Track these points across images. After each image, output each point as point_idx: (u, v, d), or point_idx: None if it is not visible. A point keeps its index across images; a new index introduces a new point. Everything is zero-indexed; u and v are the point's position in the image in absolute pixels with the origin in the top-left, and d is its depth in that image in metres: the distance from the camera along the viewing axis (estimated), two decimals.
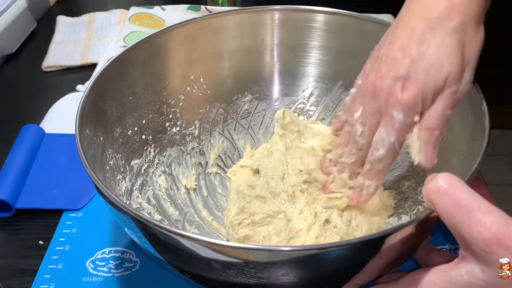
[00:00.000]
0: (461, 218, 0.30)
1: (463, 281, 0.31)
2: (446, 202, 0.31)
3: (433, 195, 0.31)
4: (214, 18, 0.54)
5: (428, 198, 0.32)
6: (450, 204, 0.30)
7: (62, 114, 0.68)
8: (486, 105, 0.40)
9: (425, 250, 0.40)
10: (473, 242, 0.29)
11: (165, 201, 0.50)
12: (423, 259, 0.40)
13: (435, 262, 0.38)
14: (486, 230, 0.29)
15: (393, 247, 0.32)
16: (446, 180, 0.31)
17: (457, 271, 0.31)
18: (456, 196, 0.30)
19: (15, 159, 0.58)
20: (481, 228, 0.29)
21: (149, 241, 0.36)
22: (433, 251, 0.40)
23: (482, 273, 0.30)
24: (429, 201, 0.32)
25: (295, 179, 0.47)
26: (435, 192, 0.31)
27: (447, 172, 0.32)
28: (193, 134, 0.56)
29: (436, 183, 0.31)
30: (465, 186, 0.31)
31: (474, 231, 0.29)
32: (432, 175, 0.32)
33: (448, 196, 0.30)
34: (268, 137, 0.58)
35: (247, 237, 0.46)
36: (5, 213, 0.54)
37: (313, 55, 0.57)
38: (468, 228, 0.29)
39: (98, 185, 0.35)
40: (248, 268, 0.32)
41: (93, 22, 0.91)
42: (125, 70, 0.49)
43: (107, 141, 0.46)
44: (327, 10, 0.54)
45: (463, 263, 0.31)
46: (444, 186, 0.31)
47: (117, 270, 0.48)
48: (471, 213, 0.29)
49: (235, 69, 0.57)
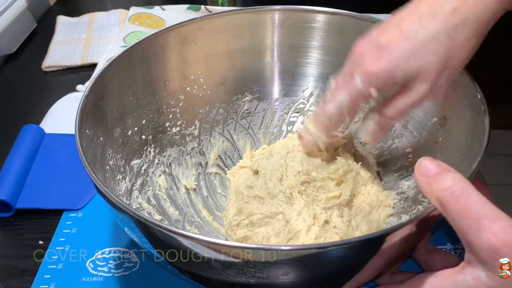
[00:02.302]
0: (469, 224, 0.30)
1: (469, 286, 0.31)
2: (456, 207, 0.30)
3: (445, 198, 0.31)
4: (214, 18, 0.54)
5: (437, 197, 0.31)
6: (461, 209, 0.30)
7: (62, 114, 0.68)
8: (486, 105, 0.40)
9: (426, 251, 0.40)
10: (481, 248, 0.29)
11: (165, 201, 0.50)
12: (424, 260, 0.40)
13: (438, 264, 0.38)
14: (494, 236, 0.29)
15: (393, 246, 0.32)
16: (458, 184, 0.31)
17: (463, 276, 0.31)
18: (468, 202, 0.30)
19: (15, 159, 0.58)
20: (489, 235, 0.29)
21: (149, 241, 0.36)
22: (434, 252, 0.40)
23: (488, 279, 0.30)
24: (438, 200, 0.31)
25: (293, 180, 0.47)
26: (447, 195, 0.31)
27: (456, 172, 0.31)
28: (193, 134, 0.56)
29: (446, 184, 0.31)
30: (476, 192, 0.30)
31: (482, 237, 0.29)
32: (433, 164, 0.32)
33: (459, 202, 0.30)
34: (268, 137, 0.58)
35: (245, 238, 0.46)
36: (5, 213, 0.54)
37: (313, 55, 0.57)
38: (477, 233, 0.29)
39: (98, 185, 0.35)
40: (248, 268, 0.32)
41: (93, 22, 0.92)
42: (125, 70, 0.49)
43: (107, 141, 0.46)
44: (327, 10, 0.54)
45: (469, 268, 0.31)
46: (457, 192, 0.30)
47: (117, 270, 0.48)
48: (480, 219, 0.29)
49: (235, 69, 0.57)
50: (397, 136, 0.52)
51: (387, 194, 0.49)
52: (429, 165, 0.32)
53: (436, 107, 0.48)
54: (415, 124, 0.51)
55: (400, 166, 0.51)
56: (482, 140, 0.38)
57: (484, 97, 0.41)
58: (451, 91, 0.46)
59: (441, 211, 0.31)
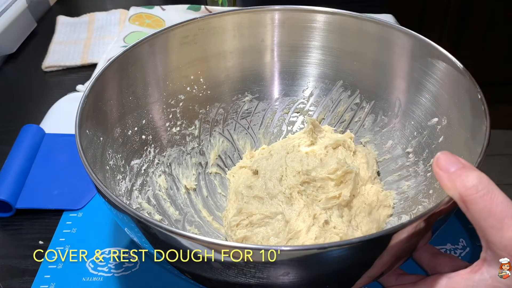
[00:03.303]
0: (492, 223, 0.30)
1: (487, 285, 0.31)
2: (481, 206, 0.30)
3: (469, 196, 0.30)
4: (214, 18, 0.54)
5: (461, 194, 0.31)
6: (485, 208, 0.30)
7: (62, 114, 0.68)
8: (486, 105, 0.40)
9: (430, 254, 0.40)
10: (502, 247, 0.29)
11: (165, 201, 0.50)
12: (429, 264, 0.40)
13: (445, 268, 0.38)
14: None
15: (393, 246, 0.32)
16: (484, 183, 0.30)
17: (480, 276, 0.31)
18: (493, 202, 0.30)
19: (15, 159, 0.58)
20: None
21: (149, 241, 0.36)
22: (439, 255, 0.40)
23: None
24: (461, 197, 0.31)
25: (293, 180, 0.47)
26: (472, 193, 0.30)
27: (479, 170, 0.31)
28: (193, 134, 0.56)
29: (472, 183, 0.30)
30: (500, 191, 0.30)
31: (505, 236, 0.29)
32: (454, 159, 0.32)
33: (484, 200, 0.30)
34: (268, 137, 0.58)
35: (245, 238, 0.46)
36: (5, 213, 0.54)
37: (313, 55, 0.57)
38: (499, 233, 0.29)
39: (98, 185, 0.35)
40: (248, 268, 0.32)
41: (93, 22, 0.92)
42: (125, 70, 0.49)
43: (107, 141, 0.46)
44: (327, 10, 0.54)
45: (485, 267, 0.31)
46: (482, 191, 0.30)
47: (117, 270, 0.48)
48: (504, 219, 0.29)
49: (235, 69, 0.57)
50: (397, 136, 0.52)
51: (387, 194, 0.49)
52: (450, 160, 0.32)
53: (436, 107, 0.48)
54: (415, 124, 0.51)
55: (400, 166, 0.51)
56: (482, 140, 0.38)
57: (484, 97, 0.41)
58: (451, 91, 0.46)
59: (462, 207, 0.31)
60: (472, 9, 1.54)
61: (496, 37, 1.58)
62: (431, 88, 0.48)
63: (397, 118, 0.53)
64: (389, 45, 0.52)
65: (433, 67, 0.48)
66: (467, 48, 1.59)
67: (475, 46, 1.59)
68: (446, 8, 1.56)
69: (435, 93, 0.48)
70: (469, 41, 1.60)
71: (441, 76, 0.47)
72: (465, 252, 0.48)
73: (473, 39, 1.59)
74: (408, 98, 0.51)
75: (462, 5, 1.54)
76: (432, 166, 0.33)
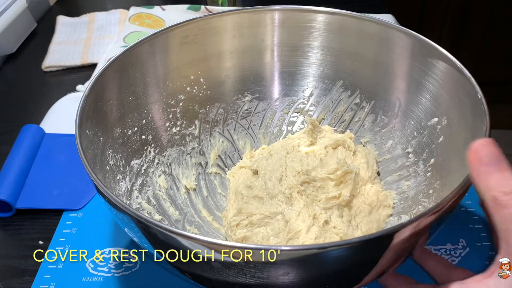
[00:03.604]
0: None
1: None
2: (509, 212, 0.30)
3: (504, 201, 0.29)
4: (214, 18, 0.54)
5: (494, 196, 0.30)
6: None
7: (62, 114, 0.68)
8: (486, 105, 0.40)
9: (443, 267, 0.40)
10: None
11: (165, 201, 0.50)
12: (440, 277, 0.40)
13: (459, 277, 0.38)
14: None
15: (393, 246, 0.32)
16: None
17: (496, 280, 0.31)
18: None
19: (15, 159, 0.58)
20: None
21: (149, 241, 0.36)
22: (451, 268, 0.39)
23: None
24: (494, 199, 0.30)
25: (293, 180, 0.47)
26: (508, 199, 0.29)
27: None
28: (193, 134, 0.56)
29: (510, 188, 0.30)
30: None
31: None
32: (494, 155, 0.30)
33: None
34: (268, 137, 0.58)
35: (245, 238, 0.46)
36: (5, 213, 0.54)
37: (313, 55, 0.57)
38: None
39: (98, 185, 0.35)
40: (248, 268, 0.32)
41: (93, 22, 0.92)
42: (125, 70, 0.49)
43: (107, 141, 0.46)
44: (327, 10, 0.54)
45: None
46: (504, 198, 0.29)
47: (117, 270, 0.48)
48: None
49: (235, 69, 0.57)
50: (397, 136, 0.52)
51: (387, 194, 0.49)
52: (490, 155, 0.31)
53: (436, 107, 0.48)
54: (415, 124, 0.51)
55: (400, 166, 0.51)
56: None
57: (484, 97, 0.41)
58: (451, 91, 0.46)
59: (489, 206, 0.30)
60: (472, 9, 1.54)
61: (496, 37, 1.58)
62: (431, 88, 0.48)
63: (397, 118, 0.53)
64: (389, 45, 0.52)
65: (433, 67, 0.48)
66: (467, 48, 1.59)
67: (475, 46, 1.59)
68: (446, 8, 1.56)
69: (435, 93, 0.48)
70: (469, 41, 1.60)
71: (441, 76, 0.47)
72: (465, 252, 0.48)
73: (473, 39, 1.59)
74: (408, 98, 0.51)
75: (462, 5, 1.54)
76: (467, 153, 0.31)
